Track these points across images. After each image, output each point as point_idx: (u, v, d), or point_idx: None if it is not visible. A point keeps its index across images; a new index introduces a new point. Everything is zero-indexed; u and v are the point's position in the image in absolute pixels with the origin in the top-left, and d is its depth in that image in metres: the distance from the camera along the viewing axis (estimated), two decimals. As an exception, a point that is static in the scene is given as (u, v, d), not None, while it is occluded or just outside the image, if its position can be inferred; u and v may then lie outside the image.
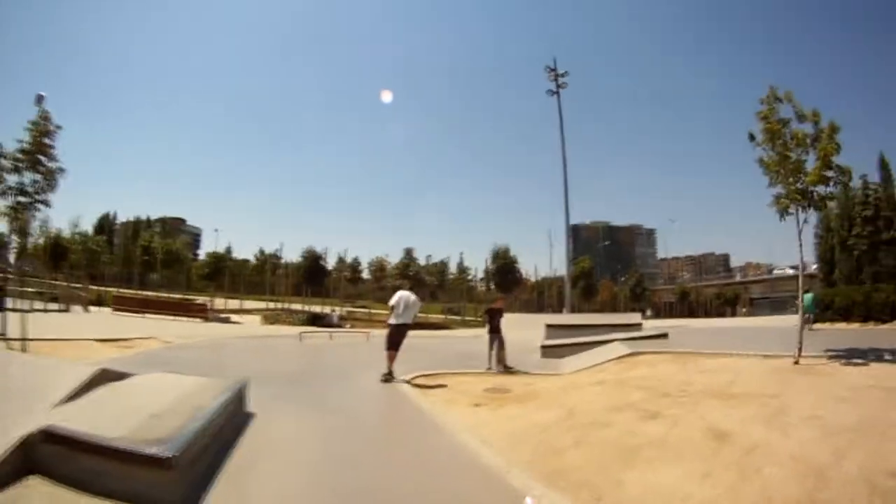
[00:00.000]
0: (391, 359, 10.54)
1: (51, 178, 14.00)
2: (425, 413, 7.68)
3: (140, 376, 6.73)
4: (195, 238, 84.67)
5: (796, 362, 9.50)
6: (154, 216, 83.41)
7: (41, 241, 47.49)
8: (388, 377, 10.36)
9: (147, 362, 11.29)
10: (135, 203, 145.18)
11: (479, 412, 7.86)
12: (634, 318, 25.76)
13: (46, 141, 13.89)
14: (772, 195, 10.84)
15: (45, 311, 27.41)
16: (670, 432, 5.80)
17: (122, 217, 71.13)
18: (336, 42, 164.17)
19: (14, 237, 46.49)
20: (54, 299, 31.69)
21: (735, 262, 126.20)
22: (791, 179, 10.44)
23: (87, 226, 57.29)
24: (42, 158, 13.81)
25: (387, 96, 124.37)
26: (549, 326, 17.93)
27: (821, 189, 10.39)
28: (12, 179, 13.57)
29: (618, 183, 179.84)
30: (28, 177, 13.69)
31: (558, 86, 33.97)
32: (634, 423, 6.37)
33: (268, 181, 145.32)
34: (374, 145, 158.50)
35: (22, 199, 13.67)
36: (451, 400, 8.83)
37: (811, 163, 10.36)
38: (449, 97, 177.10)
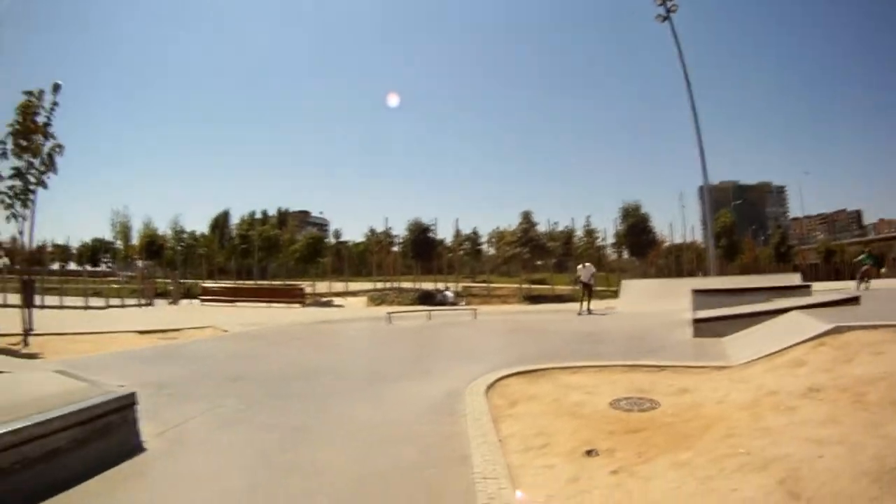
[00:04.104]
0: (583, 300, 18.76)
1: (48, 159, 13.69)
2: (474, 482, 3.91)
3: (29, 373, 6.70)
4: (322, 228, 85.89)
5: None
6: (272, 211, 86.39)
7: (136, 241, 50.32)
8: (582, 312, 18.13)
9: (164, 355, 11.10)
10: (263, 199, 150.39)
11: (591, 480, 3.98)
12: (794, 279, 21.85)
13: (39, 120, 13.57)
14: None
15: (122, 306, 29.24)
16: None
17: (237, 214, 73.14)
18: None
19: (118, 241, 49.08)
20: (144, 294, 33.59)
21: (868, 218, 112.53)
22: None
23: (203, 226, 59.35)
24: (35, 138, 13.46)
25: (393, 100, 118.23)
26: (696, 293, 13.71)
27: None
28: (6, 164, 13.30)
29: (742, 137, 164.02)
30: (23, 159, 13.38)
31: (668, 10, 28.76)
32: None
33: (371, 158, 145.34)
34: (484, 113, 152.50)
35: (16, 182, 13.33)
36: (543, 433, 5.03)
37: None
38: (557, 52, 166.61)
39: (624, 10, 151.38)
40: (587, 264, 19.68)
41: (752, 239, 63.60)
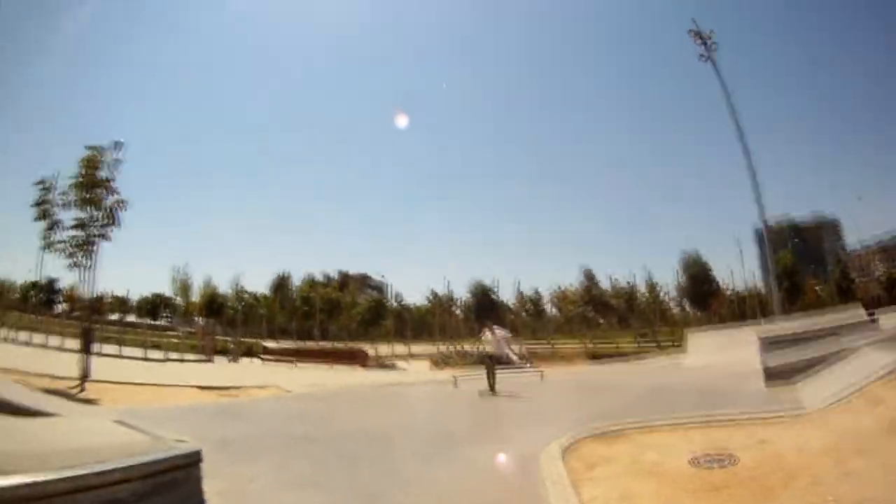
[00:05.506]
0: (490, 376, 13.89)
1: (110, 213, 14.34)
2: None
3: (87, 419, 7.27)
4: (381, 291, 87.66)
5: None
6: (333, 274, 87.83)
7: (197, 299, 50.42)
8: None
9: (226, 411, 11.28)
10: (323, 261, 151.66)
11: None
12: (860, 313, 20.10)
13: (103, 174, 14.19)
14: None
15: (181, 360, 28.09)
16: None
17: (297, 276, 74.57)
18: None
19: (178, 297, 49.15)
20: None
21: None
22: None
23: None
24: (98, 192, 14.09)
25: (402, 121, 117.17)
26: (764, 341, 13.29)
27: None
28: (68, 215, 13.87)
29: (789, 162, 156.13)
30: (86, 212, 14.06)
31: (709, 49, 29.34)
32: None
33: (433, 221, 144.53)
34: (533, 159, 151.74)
35: (77, 233, 14.03)
36: (626, 496, 5.01)
37: None
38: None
39: (662, 47, 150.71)
40: (497, 328, 15.63)
41: (813, 277, 61.54)
